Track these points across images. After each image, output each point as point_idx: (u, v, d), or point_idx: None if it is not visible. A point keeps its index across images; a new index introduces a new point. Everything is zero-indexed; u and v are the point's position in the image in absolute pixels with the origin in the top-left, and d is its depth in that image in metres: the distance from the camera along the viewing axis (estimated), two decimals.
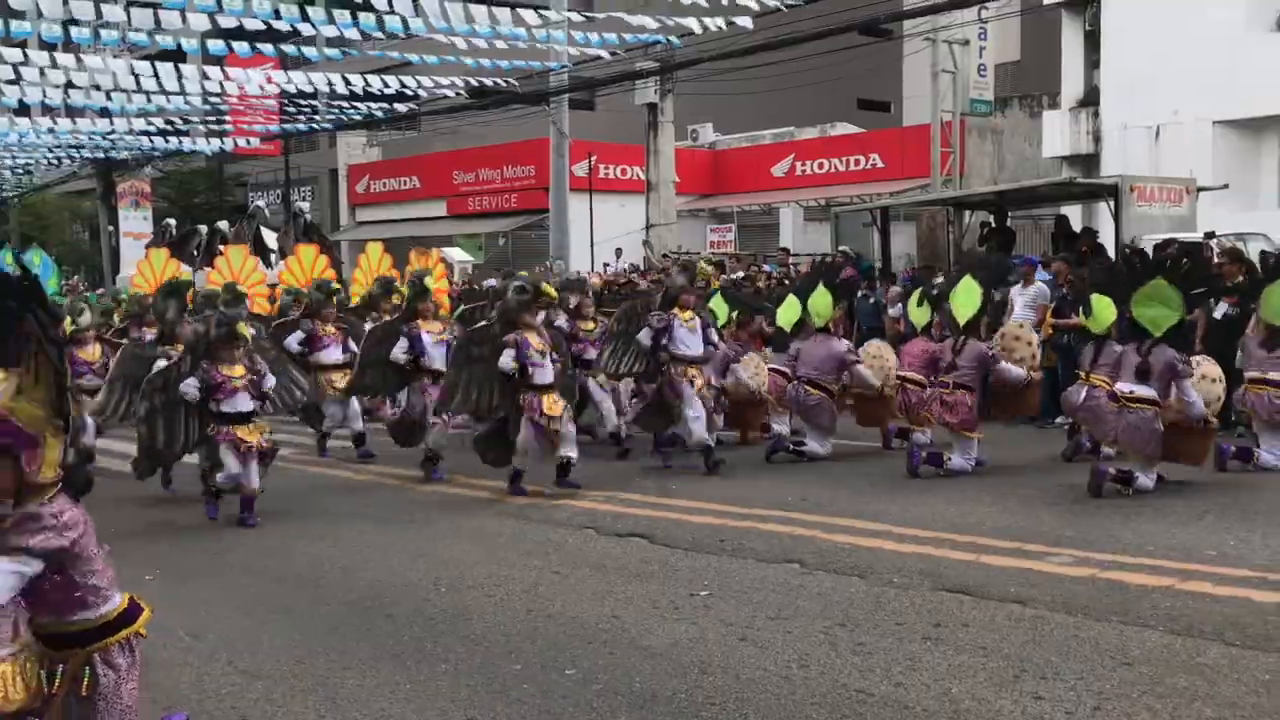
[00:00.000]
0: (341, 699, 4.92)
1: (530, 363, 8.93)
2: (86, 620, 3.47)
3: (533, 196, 29.67)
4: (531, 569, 6.94)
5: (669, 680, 4.97)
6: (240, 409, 8.61)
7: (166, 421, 8.70)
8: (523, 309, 9.06)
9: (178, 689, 5.13)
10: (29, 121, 20.21)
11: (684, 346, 9.83)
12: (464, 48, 16.97)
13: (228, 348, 8.55)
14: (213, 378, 8.50)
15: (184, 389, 8.49)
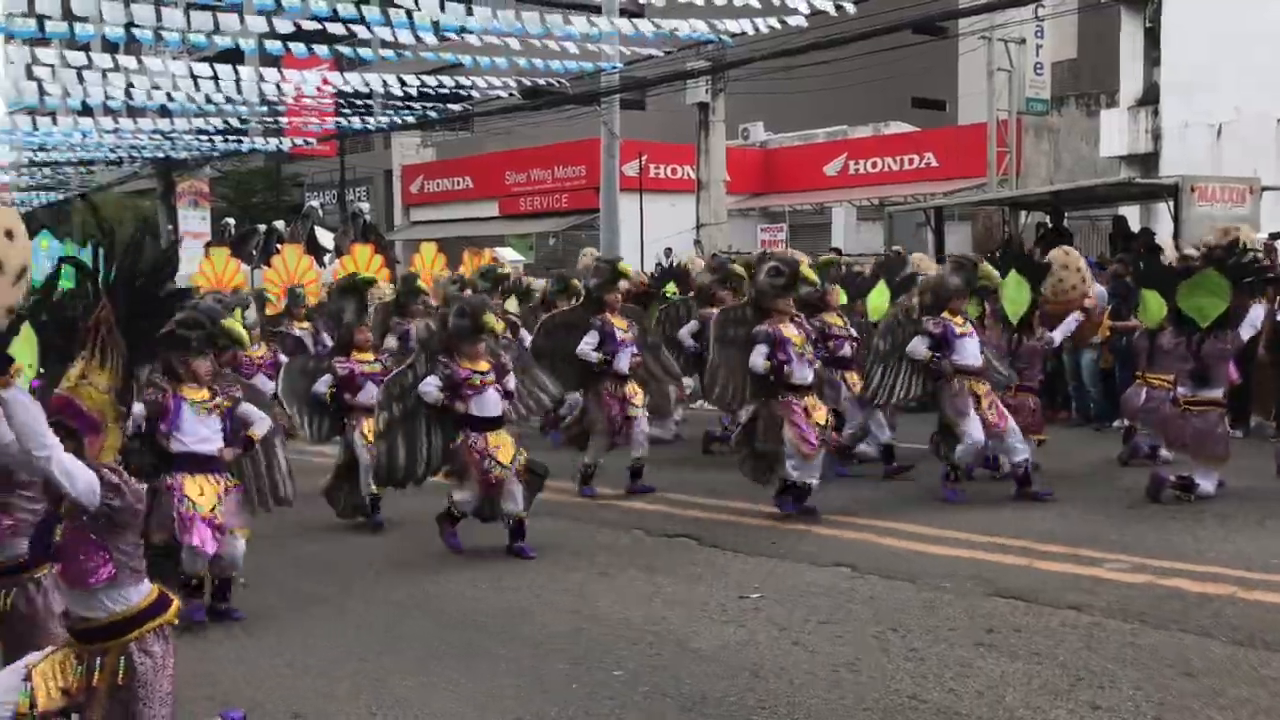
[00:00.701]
0: (391, 697, 4.95)
1: (788, 360, 7.71)
2: (117, 611, 3.53)
3: (583, 196, 29.71)
4: (579, 569, 6.95)
5: (718, 683, 4.95)
6: (489, 412, 7.25)
7: (408, 436, 7.25)
8: (777, 294, 7.80)
9: (234, 685, 5.19)
10: (91, 121, 20.55)
11: (967, 357, 8.30)
12: (517, 48, 17.03)
13: (471, 341, 7.24)
14: (456, 374, 7.18)
15: (424, 390, 7.15)
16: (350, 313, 8.47)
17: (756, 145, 32.90)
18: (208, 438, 6.02)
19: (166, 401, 5.92)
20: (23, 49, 16.49)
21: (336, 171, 35.68)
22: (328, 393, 8.24)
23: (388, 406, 7.23)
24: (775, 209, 31.54)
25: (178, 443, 5.94)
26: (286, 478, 6.59)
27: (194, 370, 6.00)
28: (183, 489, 5.89)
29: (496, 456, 7.14)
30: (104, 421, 3.42)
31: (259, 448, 6.34)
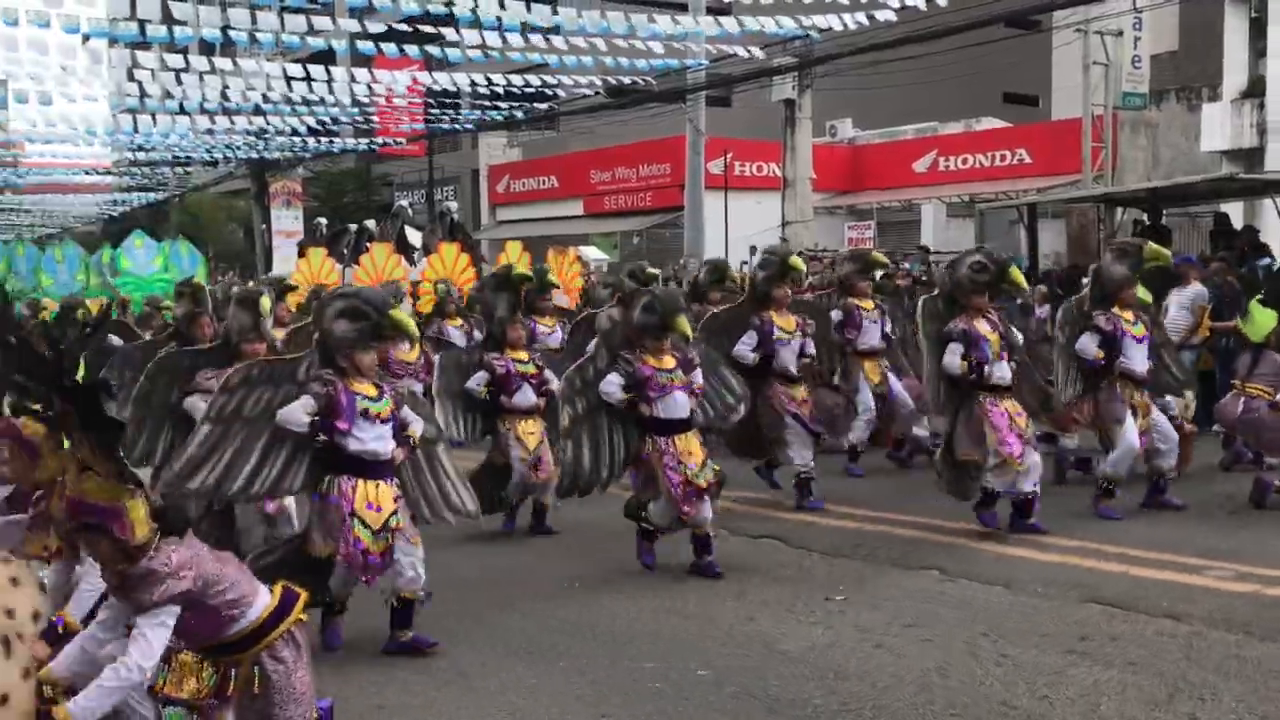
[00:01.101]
0: (476, 692, 4.97)
1: (984, 360, 7.12)
2: (245, 627, 3.62)
3: (668, 194, 29.68)
4: (665, 568, 6.92)
5: (804, 685, 4.89)
6: (677, 414, 6.60)
7: (592, 435, 6.65)
8: (975, 290, 7.21)
9: (320, 679, 5.26)
10: (189, 122, 21.10)
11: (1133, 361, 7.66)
12: (602, 48, 17.09)
13: (657, 337, 6.61)
14: (640, 372, 6.55)
15: (605, 389, 6.54)
16: (503, 308, 7.84)
17: (844, 142, 32.55)
18: (382, 436, 5.39)
19: (338, 395, 5.29)
20: (124, 52, 16.98)
21: (425, 171, 36.15)
22: (483, 390, 7.66)
23: (570, 402, 6.60)
24: (862, 206, 31.18)
25: (355, 441, 5.29)
26: (459, 484, 5.91)
27: (358, 364, 5.40)
28: (352, 501, 5.27)
29: (686, 464, 6.48)
30: (120, 505, 3.45)
31: (421, 453, 5.74)
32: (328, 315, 5.38)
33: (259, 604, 3.66)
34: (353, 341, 5.33)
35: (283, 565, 5.19)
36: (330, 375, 5.33)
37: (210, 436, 5.20)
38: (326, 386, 5.28)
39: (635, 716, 4.67)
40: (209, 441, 5.19)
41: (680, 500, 6.44)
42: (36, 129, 25.58)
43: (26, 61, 17.67)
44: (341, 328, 5.33)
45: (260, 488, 5.36)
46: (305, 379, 5.36)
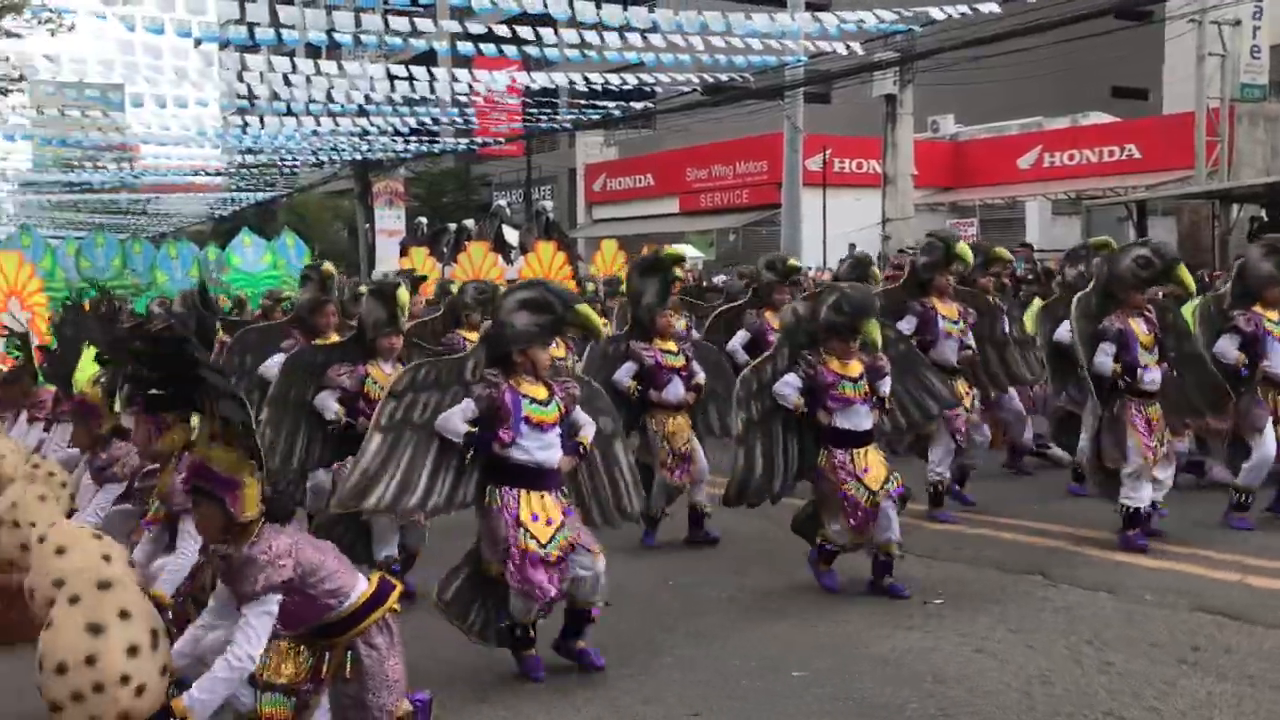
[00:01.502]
0: (570, 687, 4.97)
1: (1135, 363, 6.68)
2: (343, 610, 3.69)
3: (765, 192, 29.53)
4: (763, 568, 6.85)
5: (900, 689, 4.79)
6: (859, 426, 6.03)
7: (766, 442, 6.09)
8: (1138, 286, 6.72)
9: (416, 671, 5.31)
10: (296, 124, 21.62)
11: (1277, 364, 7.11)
12: (699, 46, 17.06)
13: (843, 338, 6.03)
14: (821, 377, 5.96)
15: (779, 390, 5.99)
16: (652, 294, 7.19)
17: (946, 138, 32.04)
18: (549, 445, 4.98)
19: (502, 397, 4.88)
20: (234, 55, 17.47)
21: (523, 171, 36.54)
22: (632, 386, 7.09)
23: (745, 405, 6.00)
24: (965, 203, 30.65)
25: (519, 452, 4.90)
26: (630, 484, 5.52)
27: (534, 360, 4.98)
28: (517, 513, 4.89)
29: (866, 481, 5.95)
30: (240, 478, 3.54)
31: (597, 453, 5.34)
32: (507, 306, 4.99)
33: (356, 591, 3.71)
34: (532, 336, 4.94)
35: (472, 588, 5.02)
36: (496, 375, 4.93)
37: (382, 447, 4.83)
38: (490, 389, 4.89)
39: (726, 716, 4.63)
40: (381, 452, 4.83)
41: (855, 520, 5.94)
42: (151, 131, 26.51)
43: (143, 66, 18.29)
44: (522, 320, 4.94)
45: (437, 500, 4.97)
46: (472, 379, 4.99)
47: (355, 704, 3.68)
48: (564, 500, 5.03)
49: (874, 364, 6.08)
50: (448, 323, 8.93)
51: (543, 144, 38.08)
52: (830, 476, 5.99)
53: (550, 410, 4.95)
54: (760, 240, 30.62)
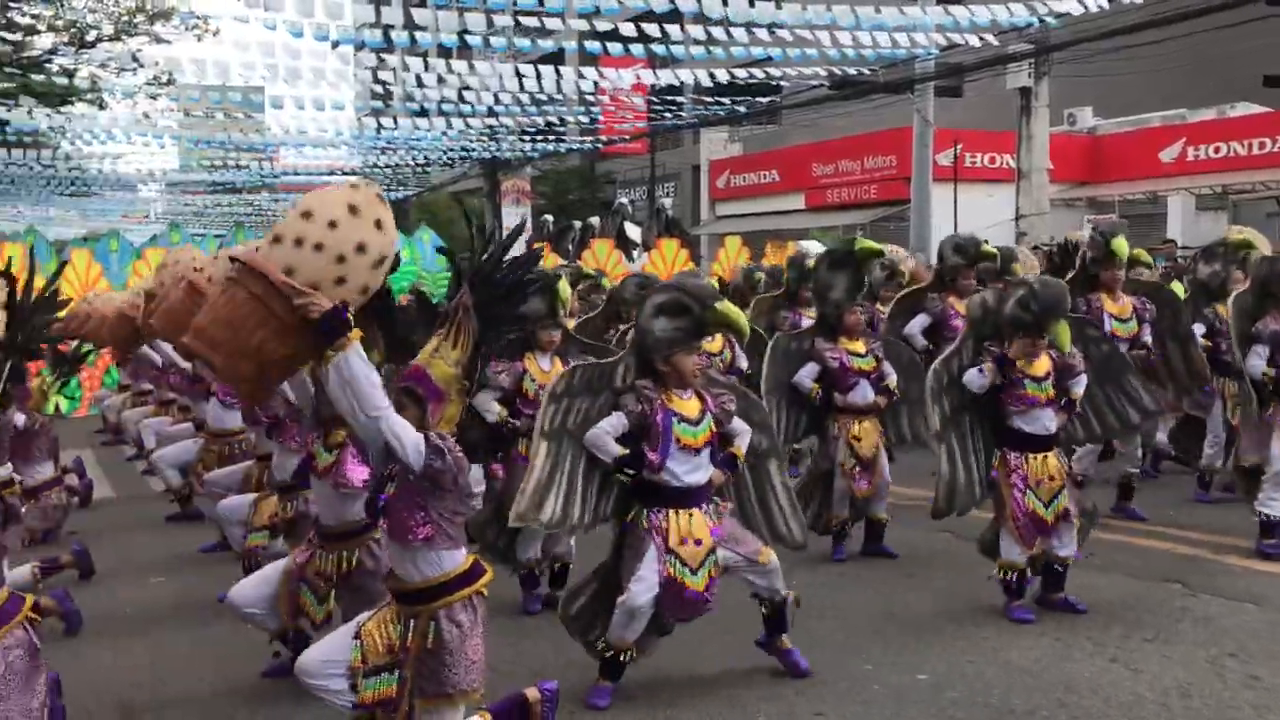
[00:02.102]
0: (689, 687, 4.98)
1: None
2: (430, 576, 3.71)
3: (893, 187, 29.07)
4: (882, 569, 6.78)
5: (1030, 695, 4.68)
6: (1045, 427, 5.64)
7: (961, 440, 5.70)
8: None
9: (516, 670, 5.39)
10: (428, 124, 22.10)
11: None
12: (826, 42, 16.88)
13: (1031, 335, 5.55)
14: (1011, 375, 5.55)
15: (970, 380, 5.59)
16: (841, 290, 6.72)
17: (1084, 131, 31.03)
18: (698, 468, 4.73)
19: (653, 416, 4.65)
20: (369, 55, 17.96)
21: (647, 168, 36.68)
22: (814, 389, 6.70)
23: (938, 399, 5.63)
24: (1103, 198, 29.65)
25: (667, 474, 4.67)
26: (787, 509, 5.22)
27: (680, 369, 4.70)
28: (666, 538, 4.65)
29: (1040, 493, 5.58)
30: (448, 393, 3.66)
31: (747, 468, 5.08)
32: (645, 313, 4.74)
33: (456, 557, 3.75)
34: (673, 341, 4.65)
35: (597, 604, 4.84)
36: (649, 389, 4.68)
37: (549, 454, 4.67)
38: (642, 404, 4.66)
39: (851, 717, 4.58)
40: (549, 460, 4.67)
41: (1023, 533, 5.58)
42: (289, 134, 27.46)
43: (282, 68, 18.96)
44: (661, 326, 4.66)
45: (602, 512, 4.82)
46: (622, 386, 4.79)
47: (431, 677, 3.68)
48: (715, 517, 4.78)
49: (1065, 362, 5.61)
50: (609, 319, 8.60)
51: (667, 141, 38.14)
52: (1002, 481, 5.63)
53: (701, 430, 4.70)
54: (888, 236, 30.04)
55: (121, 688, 5.23)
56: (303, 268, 3.44)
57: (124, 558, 7.72)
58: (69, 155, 27.79)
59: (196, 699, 5.06)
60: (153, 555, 7.83)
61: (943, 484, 5.63)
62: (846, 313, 6.69)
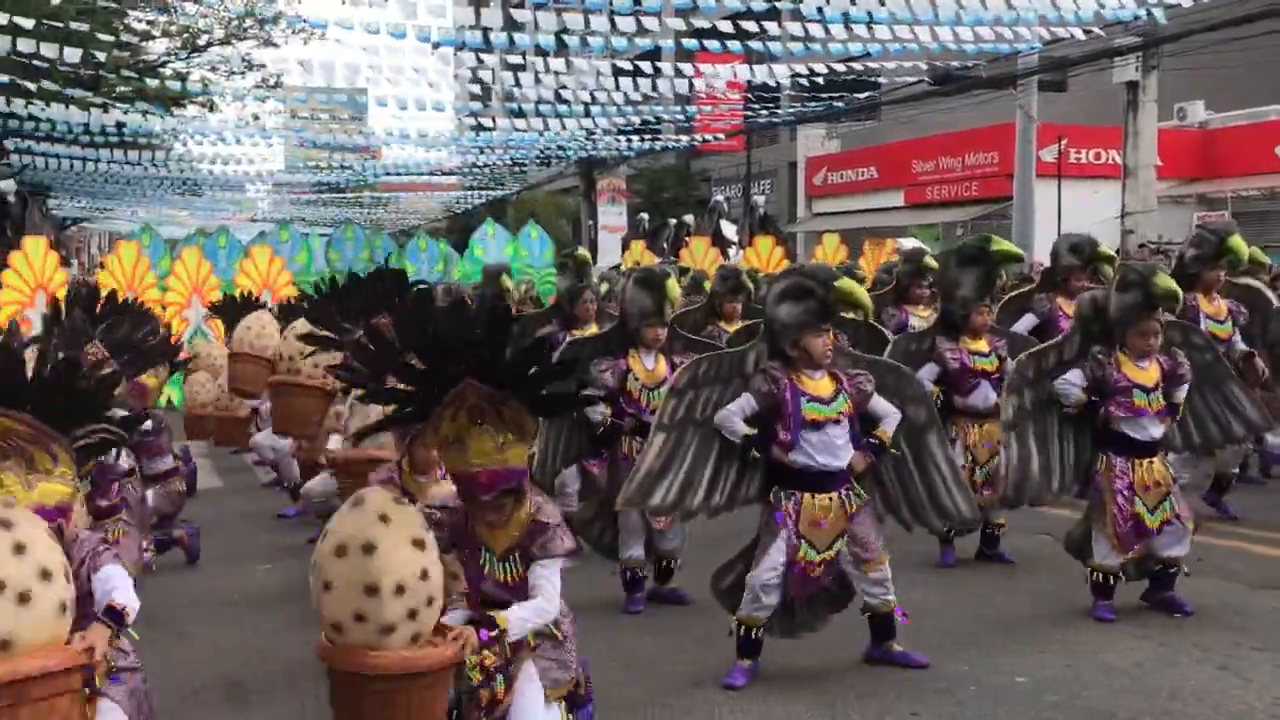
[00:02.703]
0: (783, 678, 4.97)
1: None
2: None
3: (995, 184, 28.54)
4: (981, 570, 6.68)
5: (1131, 700, 4.58)
6: (1145, 434, 5.47)
7: (1040, 435, 5.62)
8: None
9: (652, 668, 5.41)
10: (525, 124, 22.32)
11: None
12: (926, 37, 16.64)
13: (1143, 329, 5.36)
14: (1110, 378, 5.40)
15: (1061, 387, 5.51)
16: (969, 288, 6.52)
17: (1194, 125, 30.09)
18: (832, 447, 4.73)
19: (782, 395, 4.68)
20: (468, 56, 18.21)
21: (742, 166, 36.55)
22: (934, 390, 6.36)
23: (1018, 391, 5.56)
24: (1215, 195, 28.72)
25: (800, 454, 4.70)
26: (952, 482, 5.06)
27: (810, 350, 4.70)
28: (798, 523, 4.75)
29: (1145, 498, 5.44)
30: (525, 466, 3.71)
31: (905, 448, 4.98)
32: (770, 301, 4.84)
33: None
34: (800, 325, 4.69)
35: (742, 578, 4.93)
36: (777, 370, 4.73)
37: (665, 446, 4.76)
38: (770, 384, 4.71)
39: (946, 718, 4.53)
40: (665, 451, 4.76)
41: (1122, 538, 5.45)
42: (393, 135, 27.98)
43: (385, 68, 19.34)
44: (786, 311, 4.73)
45: (719, 499, 4.89)
46: (753, 371, 4.85)
47: (560, 665, 3.76)
48: (855, 502, 4.80)
49: (1174, 369, 5.43)
50: (708, 314, 8.50)
51: (763, 138, 37.97)
52: (1105, 485, 5.49)
53: (834, 408, 4.69)
54: (990, 234, 29.59)
55: (228, 668, 5.40)
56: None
57: (231, 546, 7.97)
58: (181, 157, 28.75)
59: (301, 682, 5.20)
60: (260, 545, 8.06)
61: (1011, 474, 5.58)
62: (974, 311, 6.52)
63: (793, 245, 31.33)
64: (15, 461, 3.11)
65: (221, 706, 4.92)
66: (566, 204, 44.78)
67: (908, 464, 5.03)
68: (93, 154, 23.11)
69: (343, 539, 3.39)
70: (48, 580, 2.90)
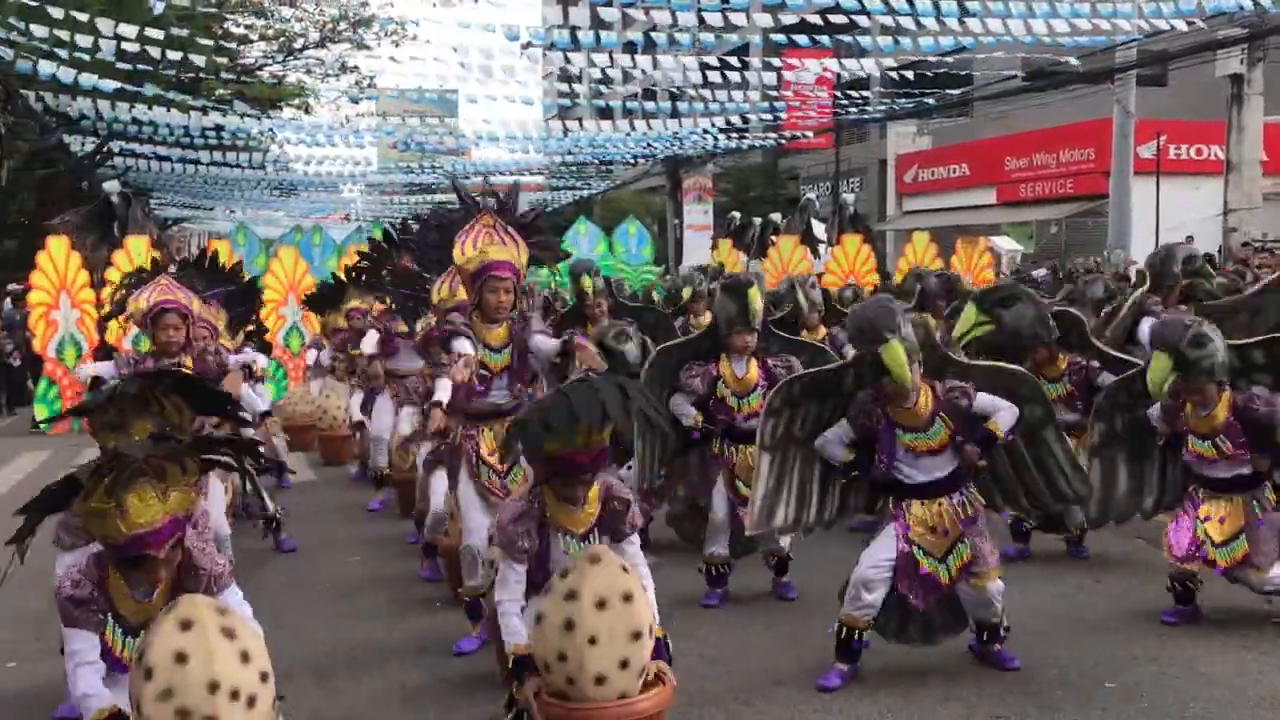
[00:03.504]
0: (870, 678, 4.92)
1: None
2: None
3: (1091, 181, 27.90)
4: (1068, 571, 6.53)
5: (1227, 711, 4.44)
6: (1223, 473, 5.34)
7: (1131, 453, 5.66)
8: None
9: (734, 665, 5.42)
10: (611, 125, 22.44)
11: None
12: (1020, 31, 16.34)
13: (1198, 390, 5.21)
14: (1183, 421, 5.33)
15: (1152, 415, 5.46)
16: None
17: None
18: (935, 467, 4.77)
19: (878, 428, 4.76)
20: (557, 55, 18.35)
21: (830, 163, 36.24)
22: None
23: (1107, 417, 5.62)
24: None
25: (900, 473, 4.80)
26: (1069, 468, 5.01)
27: (894, 393, 4.69)
28: (908, 528, 4.77)
29: (1209, 530, 5.38)
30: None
31: (1020, 442, 4.92)
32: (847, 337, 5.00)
33: None
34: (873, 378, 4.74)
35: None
36: (871, 403, 4.76)
37: (773, 466, 4.90)
38: (864, 418, 4.77)
39: None
40: (773, 472, 4.90)
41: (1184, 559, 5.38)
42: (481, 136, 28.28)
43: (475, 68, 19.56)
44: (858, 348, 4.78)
45: (830, 512, 5.02)
46: (851, 388, 4.89)
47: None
48: (968, 510, 4.78)
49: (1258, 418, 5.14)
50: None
51: (851, 135, 37.59)
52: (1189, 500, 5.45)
53: (932, 436, 4.72)
54: (1085, 233, 28.99)
55: (317, 652, 5.52)
56: None
57: (324, 537, 8.14)
58: (277, 158, 29.42)
59: (388, 668, 5.29)
60: (351, 536, 8.20)
61: (1096, 497, 5.55)
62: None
63: (882, 244, 30.97)
64: (150, 476, 3.22)
65: (311, 689, 5.03)
66: (652, 203, 44.86)
67: (1024, 459, 4.99)
68: (192, 155, 23.79)
69: (601, 593, 3.60)
70: (265, 682, 3.09)
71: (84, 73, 16.64)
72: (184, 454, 3.29)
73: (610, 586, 3.61)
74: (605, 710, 3.59)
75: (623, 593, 3.62)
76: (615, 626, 3.57)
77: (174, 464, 3.25)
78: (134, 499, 3.16)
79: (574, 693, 3.61)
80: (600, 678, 3.56)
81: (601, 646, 3.56)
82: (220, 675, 2.95)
